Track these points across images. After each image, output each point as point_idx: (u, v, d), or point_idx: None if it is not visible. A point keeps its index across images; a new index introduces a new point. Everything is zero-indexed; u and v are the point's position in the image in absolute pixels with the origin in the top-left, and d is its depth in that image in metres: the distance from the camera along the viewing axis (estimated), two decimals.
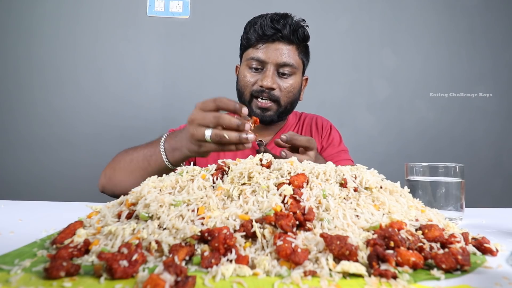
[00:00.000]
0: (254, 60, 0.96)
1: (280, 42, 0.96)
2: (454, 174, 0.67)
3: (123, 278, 0.32)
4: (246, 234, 0.41)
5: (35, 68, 1.87)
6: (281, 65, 0.96)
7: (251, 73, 0.98)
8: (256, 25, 0.96)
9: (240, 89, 1.01)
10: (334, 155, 1.06)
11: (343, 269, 0.34)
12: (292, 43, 0.97)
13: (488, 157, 2.00)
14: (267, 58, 0.95)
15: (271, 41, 0.95)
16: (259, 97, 0.97)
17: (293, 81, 0.99)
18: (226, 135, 0.61)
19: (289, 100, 1.00)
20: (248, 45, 0.99)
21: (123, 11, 1.91)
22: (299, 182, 0.49)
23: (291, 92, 1.00)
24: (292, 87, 0.99)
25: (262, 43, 0.96)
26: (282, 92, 0.98)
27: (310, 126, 1.14)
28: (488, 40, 2.02)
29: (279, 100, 0.98)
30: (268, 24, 0.94)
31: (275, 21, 0.95)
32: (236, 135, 0.62)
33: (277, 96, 0.97)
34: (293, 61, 0.97)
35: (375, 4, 2.00)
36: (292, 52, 0.97)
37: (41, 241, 0.45)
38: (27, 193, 1.79)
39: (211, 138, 0.63)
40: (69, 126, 1.88)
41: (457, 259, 0.36)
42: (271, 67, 0.95)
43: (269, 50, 0.95)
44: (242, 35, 1.03)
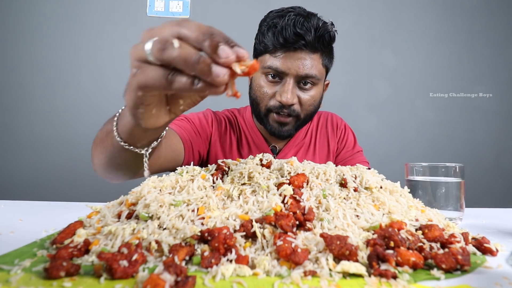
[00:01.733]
0: (272, 69, 0.83)
1: (303, 51, 0.82)
2: (454, 174, 0.67)
3: (123, 278, 0.32)
4: (246, 234, 0.41)
5: (36, 68, 1.87)
6: (302, 77, 0.83)
7: (268, 84, 0.86)
8: (276, 29, 0.82)
9: (256, 99, 0.89)
10: (348, 158, 1.01)
11: (343, 269, 0.34)
12: (317, 51, 0.83)
13: (488, 157, 2.00)
14: (287, 69, 0.82)
15: (293, 49, 0.81)
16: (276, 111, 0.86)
17: (315, 93, 0.88)
18: (176, 41, 0.33)
19: (309, 112, 0.90)
20: (264, 50, 0.85)
21: (123, 11, 1.91)
22: (299, 182, 0.49)
23: (311, 105, 0.89)
24: (314, 100, 0.88)
25: (282, 51, 0.82)
26: (303, 105, 0.87)
27: (326, 125, 1.06)
28: (488, 40, 2.02)
29: (299, 115, 0.88)
30: (290, 29, 0.80)
31: (298, 26, 0.80)
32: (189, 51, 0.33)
33: (297, 111, 0.87)
34: (316, 71, 0.84)
35: (375, 4, 2.00)
36: (316, 62, 0.84)
37: (41, 241, 0.45)
38: (27, 193, 1.80)
39: (152, 49, 0.33)
40: (69, 126, 1.88)
41: (457, 259, 0.36)
42: (291, 79, 0.83)
43: (290, 60, 0.82)
44: (258, 36, 0.88)
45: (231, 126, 1.00)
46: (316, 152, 1.02)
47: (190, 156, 0.88)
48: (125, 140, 0.47)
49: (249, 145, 0.98)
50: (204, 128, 0.94)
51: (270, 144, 0.99)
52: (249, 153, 0.96)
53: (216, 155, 0.96)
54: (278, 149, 1.00)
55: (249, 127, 1.00)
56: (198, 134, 0.91)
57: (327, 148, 1.03)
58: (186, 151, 0.86)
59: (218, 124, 0.99)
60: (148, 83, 0.35)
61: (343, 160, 1.02)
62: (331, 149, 1.03)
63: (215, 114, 1.01)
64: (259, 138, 0.98)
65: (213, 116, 0.99)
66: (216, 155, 0.96)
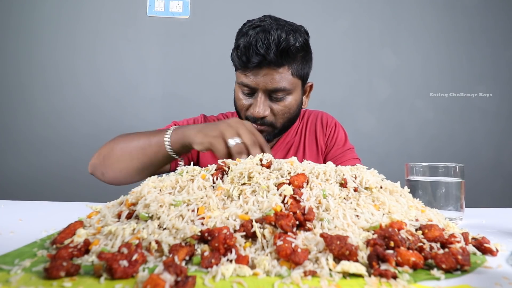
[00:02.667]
0: (243, 85, 0.88)
1: (268, 67, 0.84)
2: (454, 174, 0.67)
3: (123, 278, 0.32)
4: (246, 234, 0.41)
5: (36, 68, 1.87)
6: (272, 91, 0.87)
7: (243, 97, 0.91)
8: (239, 50, 0.85)
9: (237, 109, 0.96)
10: (338, 156, 1.02)
11: (343, 269, 0.34)
12: (283, 65, 0.85)
13: (488, 157, 2.00)
14: (256, 85, 0.86)
15: (258, 68, 0.84)
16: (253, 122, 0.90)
17: (288, 102, 0.90)
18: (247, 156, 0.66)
19: (286, 120, 0.93)
20: (236, 67, 0.91)
21: (123, 11, 1.91)
22: (299, 182, 0.49)
23: (287, 113, 0.92)
24: (288, 108, 0.91)
25: (249, 70, 0.86)
26: (276, 116, 0.90)
27: (315, 124, 1.08)
28: (488, 40, 2.02)
29: (273, 124, 0.92)
30: (252, 49, 0.82)
31: (259, 44, 0.82)
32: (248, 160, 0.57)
33: (270, 121, 0.90)
34: (285, 83, 0.86)
35: (375, 4, 2.00)
36: (284, 74, 0.86)
37: (41, 241, 0.45)
38: (27, 193, 1.80)
39: (234, 144, 0.67)
40: (69, 126, 1.88)
41: (457, 259, 0.36)
42: (261, 94, 0.87)
43: (258, 76, 0.85)
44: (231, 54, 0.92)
45: None
46: (305, 150, 1.03)
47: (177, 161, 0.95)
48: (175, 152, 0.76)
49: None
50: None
51: None
52: None
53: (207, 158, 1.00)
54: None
55: None
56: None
57: (316, 146, 1.05)
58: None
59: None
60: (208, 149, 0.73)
61: (333, 157, 1.02)
62: (319, 147, 1.04)
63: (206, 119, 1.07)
64: None
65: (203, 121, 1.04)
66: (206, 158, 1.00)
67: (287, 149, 1.03)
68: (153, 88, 1.92)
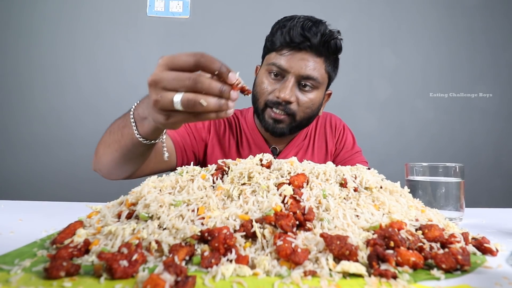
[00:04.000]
0: (275, 66, 0.86)
1: (307, 52, 0.85)
2: (454, 174, 0.67)
3: (123, 278, 0.32)
4: (246, 234, 0.41)
5: (35, 68, 1.87)
6: (303, 77, 0.86)
7: (269, 80, 0.89)
8: (284, 29, 0.86)
9: (256, 94, 0.92)
10: (347, 159, 1.02)
11: (343, 269, 0.34)
12: (321, 55, 0.87)
13: (488, 157, 2.00)
14: (290, 67, 0.85)
15: (298, 49, 0.85)
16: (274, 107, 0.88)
17: (314, 96, 0.89)
18: (203, 101, 0.44)
19: (306, 116, 0.91)
20: (272, 48, 0.89)
21: (123, 11, 1.91)
22: (299, 182, 0.49)
23: (309, 108, 0.90)
24: (312, 103, 0.90)
25: (287, 50, 0.86)
26: (300, 106, 0.88)
27: (324, 127, 1.07)
28: (488, 40, 2.02)
29: (294, 115, 0.89)
30: (298, 30, 0.84)
31: (306, 28, 0.84)
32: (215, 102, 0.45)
33: (293, 110, 0.88)
34: (318, 74, 0.87)
35: (375, 4, 2.00)
36: (319, 65, 0.87)
37: (41, 241, 0.45)
38: (27, 193, 1.79)
39: (182, 105, 0.45)
40: (69, 126, 1.88)
41: (457, 259, 0.36)
42: (292, 78, 0.86)
43: (294, 59, 0.85)
44: (268, 36, 0.93)
45: (230, 128, 1.01)
46: (314, 153, 1.03)
47: (184, 157, 0.92)
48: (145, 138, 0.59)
49: (250, 145, 0.99)
50: (199, 130, 0.97)
51: (270, 146, 1.00)
52: (249, 153, 0.97)
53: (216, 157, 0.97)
54: (278, 150, 1.01)
55: (250, 128, 1.01)
56: (192, 136, 0.94)
57: (325, 149, 1.04)
58: (178, 153, 0.90)
59: (217, 126, 1.00)
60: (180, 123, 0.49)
61: (342, 160, 1.02)
62: (329, 150, 1.04)
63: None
64: (259, 139, 0.99)
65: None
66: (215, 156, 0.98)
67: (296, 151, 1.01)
68: None
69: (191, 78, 0.44)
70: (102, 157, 0.71)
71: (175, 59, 0.46)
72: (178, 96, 0.45)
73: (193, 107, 0.44)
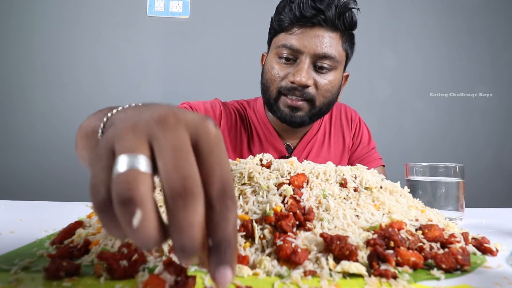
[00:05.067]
0: (286, 48, 0.77)
1: (321, 28, 0.75)
2: (454, 174, 0.67)
3: (123, 278, 0.32)
4: (246, 234, 0.40)
5: (36, 68, 1.87)
6: (320, 57, 0.76)
7: (280, 65, 0.79)
8: (293, 4, 0.75)
9: (266, 83, 0.82)
10: (364, 156, 0.95)
11: (343, 269, 0.34)
12: (337, 30, 0.77)
13: (488, 157, 2.00)
14: (303, 47, 0.75)
15: (310, 26, 0.75)
16: (289, 94, 0.79)
17: (333, 77, 0.80)
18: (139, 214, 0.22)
19: (326, 100, 0.81)
20: (280, 28, 0.79)
21: (123, 11, 1.91)
22: (299, 182, 0.49)
23: (329, 92, 0.80)
24: (331, 85, 0.80)
25: (298, 27, 0.76)
26: (319, 90, 0.78)
27: (340, 118, 0.98)
28: (488, 40, 2.02)
29: (313, 100, 0.79)
30: (308, 2, 0.74)
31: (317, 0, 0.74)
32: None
33: (312, 95, 0.78)
34: (335, 52, 0.77)
35: (375, 4, 2.00)
36: (335, 41, 0.77)
37: (41, 241, 0.45)
38: (27, 193, 1.79)
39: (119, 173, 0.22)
40: (69, 126, 1.87)
41: (457, 259, 0.36)
42: (306, 58, 0.76)
43: (306, 37, 0.75)
44: (273, 17, 0.82)
45: (242, 120, 0.92)
46: (331, 147, 0.95)
47: None
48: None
49: (261, 142, 0.91)
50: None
51: (284, 142, 0.92)
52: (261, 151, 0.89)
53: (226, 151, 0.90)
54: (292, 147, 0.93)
55: (261, 121, 0.92)
56: None
57: (343, 143, 0.96)
58: None
59: (228, 117, 0.91)
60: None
61: (359, 157, 0.95)
62: (346, 144, 0.96)
63: (224, 106, 0.93)
64: (272, 134, 0.90)
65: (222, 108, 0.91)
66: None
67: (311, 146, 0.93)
68: (153, 88, 1.92)
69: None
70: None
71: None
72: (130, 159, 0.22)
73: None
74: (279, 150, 0.91)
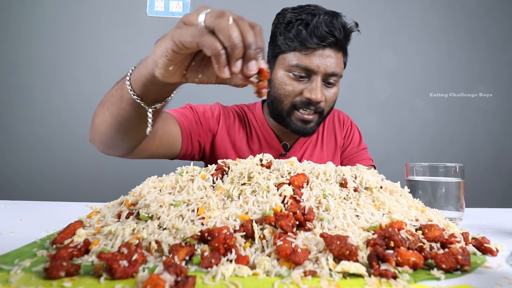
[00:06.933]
0: (299, 68, 0.83)
1: (331, 49, 0.83)
2: (454, 174, 0.67)
3: (123, 278, 0.32)
4: (246, 234, 0.40)
5: (36, 68, 1.87)
6: (329, 75, 0.84)
7: (293, 82, 0.85)
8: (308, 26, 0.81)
9: (279, 97, 0.87)
10: (354, 155, 1.02)
11: (343, 269, 0.34)
12: (341, 49, 0.86)
13: (488, 157, 1.99)
14: (316, 67, 0.82)
15: (322, 47, 0.82)
16: (302, 108, 0.86)
17: (337, 89, 0.89)
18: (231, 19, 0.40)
19: (330, 109, 0.91)
20: (290, 47, 0.84)
21: (123, 11, 1.91)
22: (299, 182, 0.49)
23: (333, 102, 0.91)
24: (335, 96, 0.90)
25: (312, 49, 0.82)
26: (327, 102, 0.88)
27: (333, 121, 1.06)
28: (488, 40, 2.02)
29: (323, 112, 0.88)
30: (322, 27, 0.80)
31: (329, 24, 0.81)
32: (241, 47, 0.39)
33: (322, 108, 0.87)
34: (340, 69, 0.86)
35: (375, 4, 2.00)
36: (340, 60, 0.86)
37: (41, 241, 0.45)
38: (27, 193, 1.79)
39: (205, 21, 0.41)
40: (69, 126, 1.88)
41: (457, 259, 0.36)
42: (318, 77, 0.83)
43: (319, 58, 0.82)
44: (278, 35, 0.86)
45: (240, 120, 0.99)
46: (323, 147, 1.02)
47: (189, 144, 0.88)
48: (135, 90, 0.51)
49: (260, 141, 0.97)
50: (208, 119, 0.93)
51: (281, 141, 0.98)
52: (260, 149, 0.96)
53: (226, 149, 0.94)
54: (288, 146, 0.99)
55: (259, 123, 0.99)
56: (199, 123, 0.91)
57: (334, 143, 1.04)
58: (184, 138, 0.86)
59: (226, 117, 0.97)
60: (182, 39, 0.40)
61: (349, 156, 1.02)
62: (338, 144, 1.04)
63: (223, 108, 0.99)
64: (270, 134, 0.97)
65: (221, 110, 0.97)
66: (225, 149, 0.94)
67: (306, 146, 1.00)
68: None
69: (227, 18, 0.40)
70: (97, 122, 0.62)
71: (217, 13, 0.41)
72: (202, 16, 0.41)
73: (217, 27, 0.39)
74: (276, 148, 0.97)
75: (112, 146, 0.66)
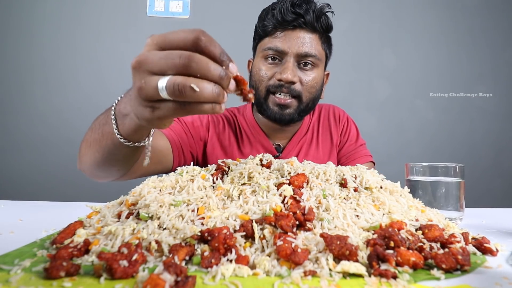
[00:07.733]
0: (272, 50, 0.84)
1: (302, 30, 0.84)
2: (454, 174, 0.67)
3: (123, 278, 0.32)
4: (246, 234, 0.40)
5: (36, 68, 1.87)
6: (302, 56, 0.84)
7: (267, 66, 0.86)
8: (275, 10, 0.85)
9: (254, 84, 0.88)
10: (352, 152, 1.00)
11: (343, 269, 0.34)
12: (315, 31, 0.86)
13: (488, 157, 2.00)
14: (287, 48, 0.83)
15: (292, 29, 0.84)
16: (277, 92, 0.85)
17: (316, 74, 0.87)
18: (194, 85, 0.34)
19: (312, 96, 0.89)
20: (264, 33, 0.87)
21: (123, 12, 1.91)
22: (299, 182, 0.49)
23: (313, 87, 0.88)
24: (315, 81, 0.87)
25: (281, 31, 0.84)
26: (304, 86, 0.86)
27: (328, 118, 1.04)
28: (488, 40, 2.02)
29: (300, 96, 0.86)
30: (288, 8, 0.83)
31: (296, 6, 0.83)
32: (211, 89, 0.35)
33: (298, 91, 0.85)
34: (316, 51, 0.85)
35: (375, 4, 2.00)
36: (315, 41, 0.86)
37: (41, 241, 0.45)
38: (27, 193, 1.79)
39: (168, 91, 0.35)
40: (69, 126, 1.88)
41: (457, 259, 0.36)
42: (291, 58, 0.84)
43: (289, 39, 0.84)
44: (257, 24, 0.91)
45: (230, 125, 0.99)
46: (319, 146, 0.99)
47: (181, 157, 0.87)
48: (126, 139, 0.49)
49: (251, 143, 0.96)
50: (197, 129, 0.93)
51: (273, 142, 0.97)
52: (251, 151, 0.95)
53: (217, 156, 0.94)
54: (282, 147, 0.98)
55: (250, 125, 0.98)
56: (189, 134, 0.91)
57: (330, 141, 1.01)
58: (175, 152, 0.85)
59: (215, 124, 0.97)
60: (167, 118, 0.39)
61: (346, 154, 1.00)
62: (334, 142, 1.01)
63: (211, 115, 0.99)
64: (261, 135, 0.96)
65: (209, 117, 0.98)
66: (216, 156, 0.94)
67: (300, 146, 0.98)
68: None
69: (183, 56, 0.35)
70: (83, 157, 0.62)
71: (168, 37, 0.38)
72: (164, 80, 0.35)
73: (181, 93, 0.34)
74: (268, 149, 0.96)
75: (104, 176, 0.67)
